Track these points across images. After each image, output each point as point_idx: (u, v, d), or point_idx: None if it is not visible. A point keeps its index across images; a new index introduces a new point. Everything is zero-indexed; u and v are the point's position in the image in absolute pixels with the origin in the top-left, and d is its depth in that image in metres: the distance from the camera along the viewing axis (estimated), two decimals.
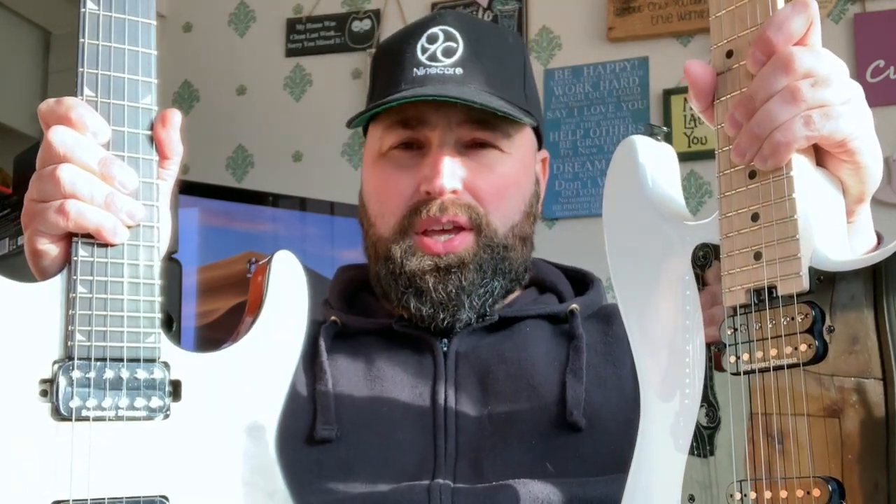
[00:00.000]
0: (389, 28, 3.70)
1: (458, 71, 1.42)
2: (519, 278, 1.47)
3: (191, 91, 3.91)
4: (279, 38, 3.87)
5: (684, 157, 3.25)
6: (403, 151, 1.43)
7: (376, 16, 3.74)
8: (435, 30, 1.45)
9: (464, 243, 1.40)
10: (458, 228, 1.40)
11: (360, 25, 3.76)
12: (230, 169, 3.83)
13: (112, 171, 1.01)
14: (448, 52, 1.43)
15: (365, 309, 1.52)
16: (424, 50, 1.43)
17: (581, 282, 1.55)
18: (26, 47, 4.24)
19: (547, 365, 1.38)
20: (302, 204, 3.29)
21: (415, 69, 1.43)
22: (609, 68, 3.43)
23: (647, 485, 1.05)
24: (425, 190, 1.39)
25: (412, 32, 1.47)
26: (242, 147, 3.85)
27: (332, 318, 1.45)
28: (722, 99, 0.99)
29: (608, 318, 1.47)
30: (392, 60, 1.46)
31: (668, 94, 3.36)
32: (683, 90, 3.31)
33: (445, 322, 1.39)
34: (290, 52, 3.85)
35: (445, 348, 1.40)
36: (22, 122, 4.13)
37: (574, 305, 1.45)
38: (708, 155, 3.23)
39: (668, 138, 1.31)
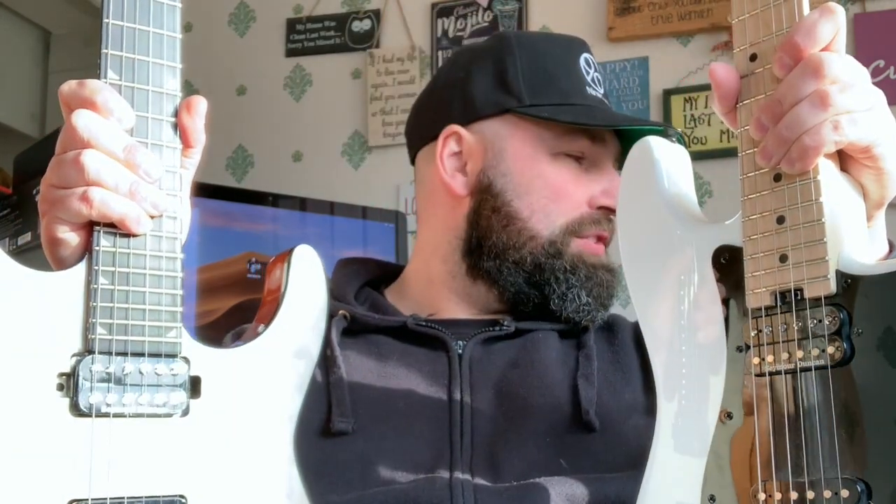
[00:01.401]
0: (389, 28, 3.71)
1: (607, 101, 1.54)
2: None
3: (191, 91, 3.86)
4: (279, 38, 3.85)
5: None
6: (574, 160, 1.49)
7: (376, 16, 3.74)
8: (588, 56, 1.54)
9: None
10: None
11: (360, 25, 3.75)
12: (230, 169, 3.82)
13: (137, 158, 0.98)
14: (599, 82, 1.53)
15: (373, 305, 1.52)
16: (587, 72, 1.52)
17: None
18: (26, 47, 4.23)
19: (558, 370, 1.39)
20: (302, 204, 3.28)
21: (588, 88, 1.50)
22: (609, 68, 3.42)
23: (665, 484, 1.05)
24: (605, 205, 1.47)
25: (566, 47, 1.54)
26: (242, 147, 3.84)
27: (342, 312, 1.44)
28: (745, 102, 0.99)
29: (612, 327, 1.50)
30: (557, 66, 1.51)
31: (668, 94, 3.35)
32: (683, 90, 3.32)
33: (594, 319, 1.47)
34: (290, 52, 3.84)
35: (460, 351, 1.40)
36: (22, 122, 4.11)
37: None
38: (708, 155, 3.23)
39: (681, 140, 1.32)
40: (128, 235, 0.98)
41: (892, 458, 0.87)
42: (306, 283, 1.12)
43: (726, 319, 1.00)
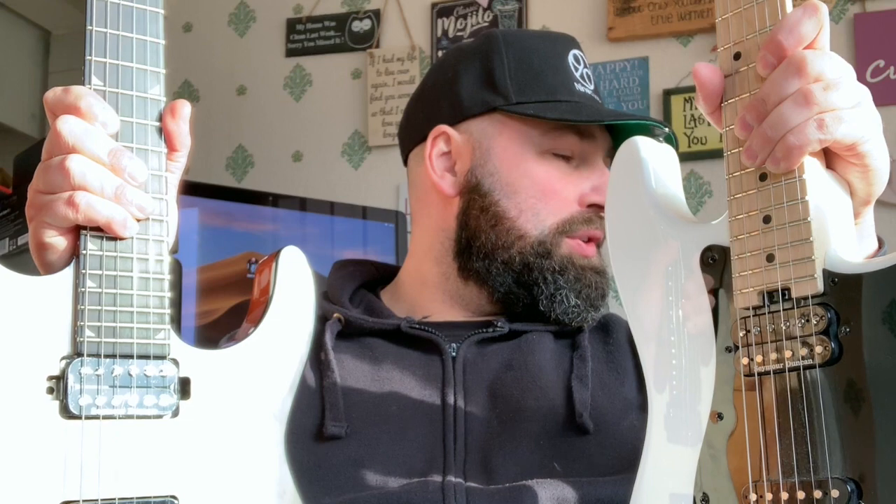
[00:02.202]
0: (389, 28, 3.70)
1: (598, 97, 1.52)
2: None
3: (191, 91, 3.89)
4: (279, 38, 3.85)
5: (684, 157, 3.24)
6: (562, 158, 1.48)
7: (376, 16, 3.73)
8: (577, 52, 1.52)
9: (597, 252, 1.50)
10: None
11: (360, 25, 3.75)
12: (230, 169, 3.82)
13: (122, 162, 0.99)
14: (589, 78, 1.52)
15: (369, 307, 1.52)
16: (575, 68, 1.50)
17: None
18: (26, 47, 4.23)
19: (552, 371, 1.39)
20: (302, 204, 3.28)
21: (576, 84, 1.49)
22: (609, 68, 3.42)
23: (659, 476, 1.05)
24: (595, 202, 1.46)
25: (555, 42, 1.53)
26: (242, 147, 3.84)
27: (336, 315, 1.45)
28: (730, 101, 0.99)
29: (607, 327, 1.50)
30: (544, 63, 1.49)
31: (668, 94, 3.35)
32: (683, 90, 3.31)
33: (585, 321, 1.45)
34: (290, 52, 3.84)
35: (454, 353, 1.40)
36: (22, 122, 4.12)
37: None
38: (708, 155, 3.23)
39: (669, 139, 1.31)
40: (114, 239, 0.99)
41: (882, 456, 0.87)
42: (294, 284, 1.12)
43: (714, 319, 1.00)
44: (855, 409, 0.89)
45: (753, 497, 0.94)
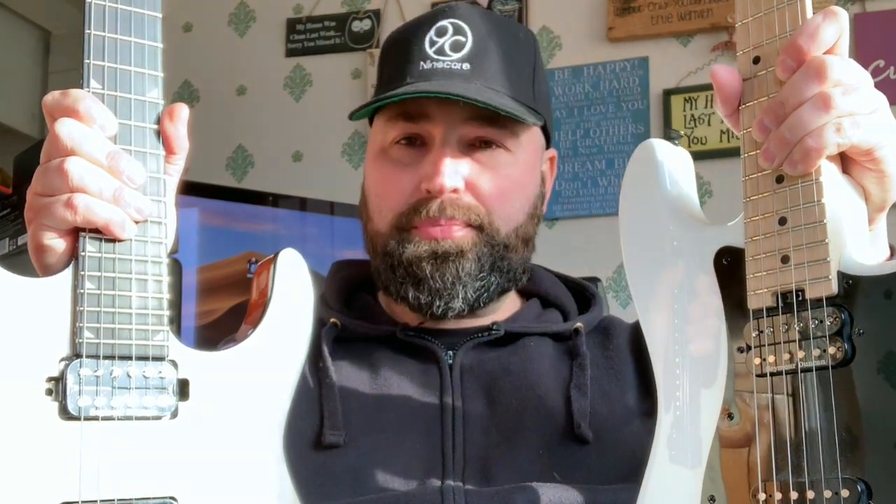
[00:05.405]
0: (389, 28, 3.70)
1: (466, 66, 1.40)
2: (517, 279, 1.46)
3: (191, 91, 3.90)
4: (279, 38, 3.86)
5: None
6: (405, 147, 1.41)
7: (376, 16, 3.74)
8: (444, 22, 1.42)
9: (462, 233, 1.38)
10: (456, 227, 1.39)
11: (360, 25, 3.75)
12: (230, 169, 3.83)
13: (120, 165, 0.98)
14: (456, 47, 1.41)
15: (366, 312, 1.49)
16: (433, 43, 1.40)
17: (582, 296, 1.55)
18: (26, 47, 4.24)
19: (551, 380, 1.37)
20: (302, 204, 3.28)
21: (421, 63, 1.40)
22: (609, 68, 3.42)
23: (663, 491, 1.05)
24: (426, 188, 1.37)
25: (421, 24, 1.44)
26: (242, 147, 3.84)
27: (333, 320, 1.43)
28: (748, 104, 0.99)
29: (608, 331, 1.47)
30: (399, 52, 1.43)
31: (668, 94, 3.35)
32: (683, 90, 3.31)
33: (440, 309, 1.38)
34: (290, 52, 3.84)
35: (451, 360, 1.38)
36: (22, 122, 4.12)
37: (578, 324, 1.44)
38: (708, 155, 3.22)
39: (683, 143, 1.30)
40: (113, 240, 0.99)
41: (892, 457, 0.87)
42: (292, 286, 1.12)
43: (728, 320, 1.00)
44: (866, 411, 0.89)
45: (763, 496, 0.94)
